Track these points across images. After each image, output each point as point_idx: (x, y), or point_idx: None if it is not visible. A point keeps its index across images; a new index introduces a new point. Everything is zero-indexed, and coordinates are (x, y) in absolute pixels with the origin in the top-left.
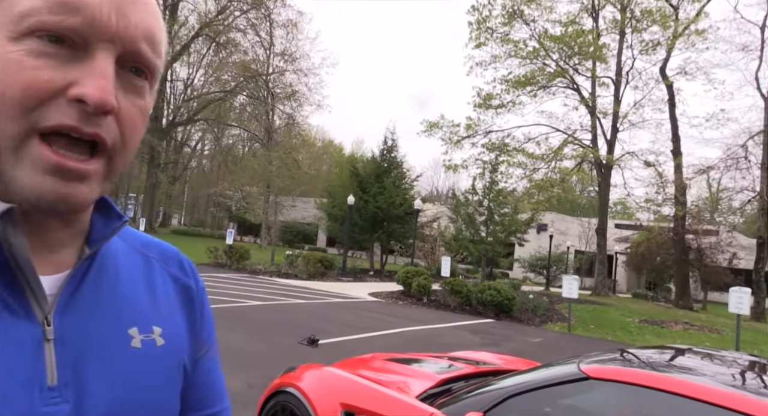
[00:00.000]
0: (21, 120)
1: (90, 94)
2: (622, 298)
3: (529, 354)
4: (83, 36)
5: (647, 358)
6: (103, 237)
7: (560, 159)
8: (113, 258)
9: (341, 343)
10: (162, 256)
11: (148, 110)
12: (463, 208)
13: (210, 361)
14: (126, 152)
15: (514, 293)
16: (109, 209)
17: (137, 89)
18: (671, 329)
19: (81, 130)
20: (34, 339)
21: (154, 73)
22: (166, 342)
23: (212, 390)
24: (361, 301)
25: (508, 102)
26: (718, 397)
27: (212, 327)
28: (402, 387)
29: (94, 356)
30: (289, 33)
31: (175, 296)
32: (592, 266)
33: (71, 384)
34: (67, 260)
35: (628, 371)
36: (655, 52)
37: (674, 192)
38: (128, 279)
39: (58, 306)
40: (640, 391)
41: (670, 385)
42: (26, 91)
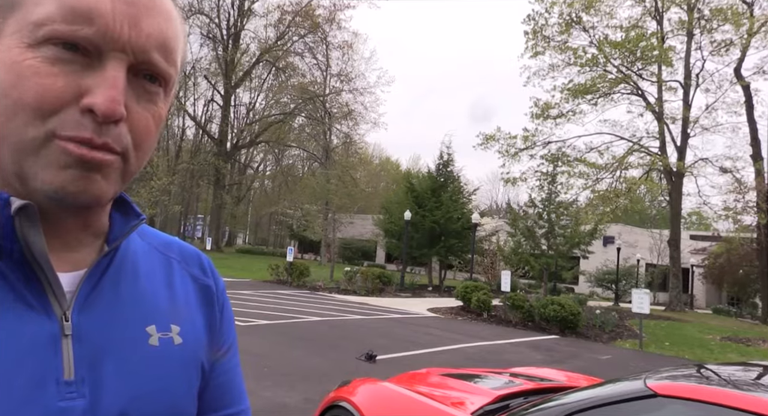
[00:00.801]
0: (39, 125)
1: (99, 104)
2: (700, 314)
3: (596, 372)
4: (96, 45)
5: (727, 375)
6: (121, 235)
7: (625, 168)
8: (133, 257)
9: (399, 359)
10: (182, 256)
11: (162, 116)
12: (521, 221)
13: (229, 362)
14: (140, 155)
15: (579, 309)
16: (127, 207)
17: (150, 96)
18: (758, 347)
19: (93, 141)
20: (52, 335)
21: (168, 81)
22: (184, 340)
23: (231, 391)
24: (419, 317)
25: (568, 111)
26: None
27: (232, 328)
28: (456, 402)
29: (111, 353)
30: (345, 54)
31: (195, 295)
32: (665, 280)
33: (87, 380)
34: (86, 258)
35: (702, 388)
36: (727, 53)
37: (756, 199)
38: (148, 278)
39: (76, 303)
40: (716, 411)
41: (753, 405)
42: (42, 97)
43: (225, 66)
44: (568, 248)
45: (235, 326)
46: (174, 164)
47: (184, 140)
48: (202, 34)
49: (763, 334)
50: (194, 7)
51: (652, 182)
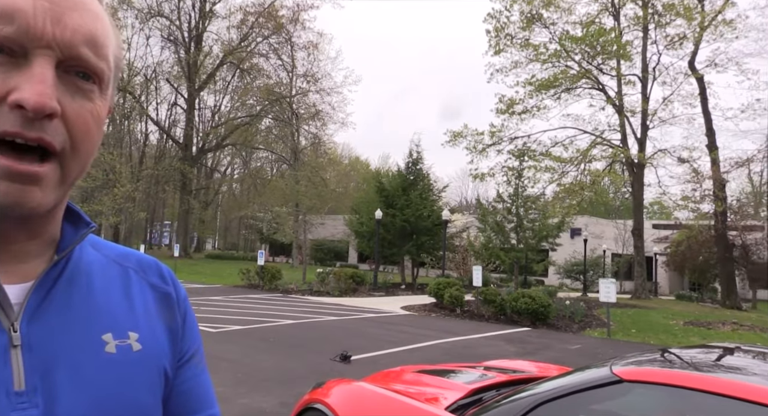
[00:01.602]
0: None
1: (27, 99)
2: (664, 300)
3: (568, 361)
4: (20, 44)
5: (689, 358)
6: (71, 244)
7: (589, 161)
8: (87, 268)
9: (374, 358)
10: (140, 266)
11: (101, 115)
12: (490, 216)
13: (194, 367)
14: (79, 156)
15: (549, 300)
16: (77, 217)
17: (85, 93)
18: (719, 330)
19: (24, 135)
20: (0, 346)
21: (102, 77)
22: (144, 347)
23: (197, 397)
24: (393, 315)
25: (532, 107)
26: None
27: (196, 335)
28: (431, 398)
29: (64, 361)
30: (310, 54)
31: (154, 303)
32: (630, 269)
33: (40, 390)
34: (36, 270)
35: (665, 372)
36: (681, 46)
37: (712, 188)
38: (103, 288)
39: (25, 313)
40: (680, 393)
41: (714, 386)
42: None
43: (188, 69)
44: (537, 242)
45: (200, 332)
46: (138, 170)
47: (148, 146)
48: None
49: (723, 317)
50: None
51: (615, 174)
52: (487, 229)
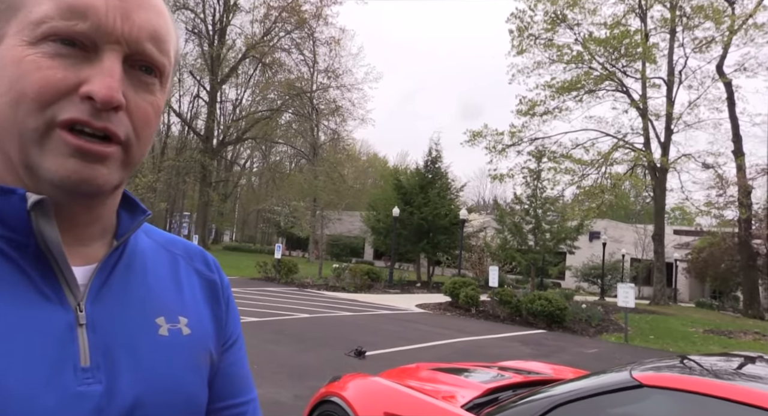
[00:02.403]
0: (40, 115)
1: (97, 92)
2: (683, 307)
3: (583, 365)
4: (92, 39)
5: (709, 365)
6: (128, 230)
7: (611, 164)
8: (141, 253)
9: (388, 355)
10: (186, 252)
11: (160, 106)
12: (508, 217)
13: (236, 353)
14: (140, 144)
15: (565, 303)
16: (133, 205)
17: (147, 86)
18: (740, 339)
19: (92, 124)
20: (68, 324)
21: (163, 71)
22: (192, 331)
23: (239, 381)
24: (408, 313)
25: (554, 108)
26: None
27: (238, 322)
28: (447, 396)
29: (123, 342)
30: (332, 50)
31: (200, 289)
32: (649, 275)
33: (102, 367)
34: (97, 253)
35: (686, 378)
36: (709, 50)
37: (737, 194)
38: (155, 273)
39: (89, 295)
40: (699, 400)
41: (735, 394)
42: (42, 88)
43: (211, 62)
44: (554, 244)
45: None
46: (159, 161)
47: (170, 137)
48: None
49: (744, 326)
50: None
51: (637, 178)
52: (504, 230)
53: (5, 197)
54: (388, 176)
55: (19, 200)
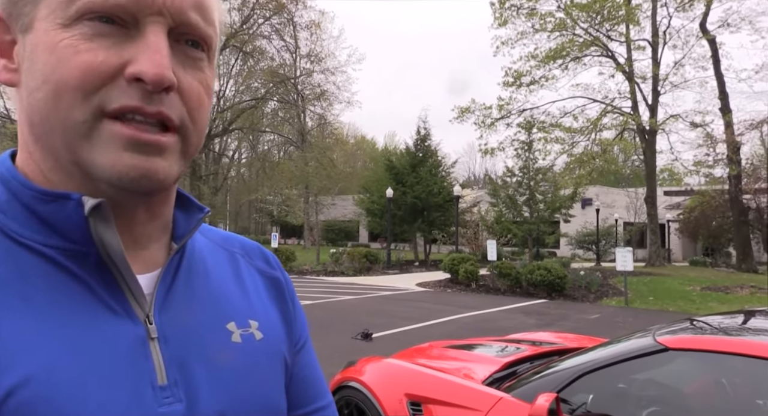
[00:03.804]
0: (85, 104)
1: (146, 72)
2: (678, 267)
3: (587, 331)
4: (131, 12)
5: (727, 324)
6: (187, 231)
7: (600, 130)
8: (200, 254)
9: (395, 335)
10: (244, 250)
11: (211, 85)
12: (502, 190)
13: (307, 354)
14: (197, 129)
15: (564, 272)
16: (188, 202)
17: (195, 62)
18: (737, 294)
19: (144, 110)
20: (139, 339)
21: (210, 44)
22: (265, 335)
23: (314, 385)
24: (409, 292)
25: (540, 78)
26: None
27: (305, 320)
28: (466, 373)
29: (198, 353)
30: (313, 34)
31: (265, 289)
32: (642, 237)
33: (180, 383)
34: (156, 256)
35: (710, 339)
36: (692, 8)
37: (727, 151)
38: (217, 274)
39: (156, 304)
40: (721, 358)
41: (759, 350)
42: (84, 74)
43: None
44: (549, 214)
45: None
46: None
47: None
48: None
49: (739, 281)
50: None
51: (626, 142)
52: (499, 203)
53: (60, 204)
54: (379, 158)
55: (75, 206)
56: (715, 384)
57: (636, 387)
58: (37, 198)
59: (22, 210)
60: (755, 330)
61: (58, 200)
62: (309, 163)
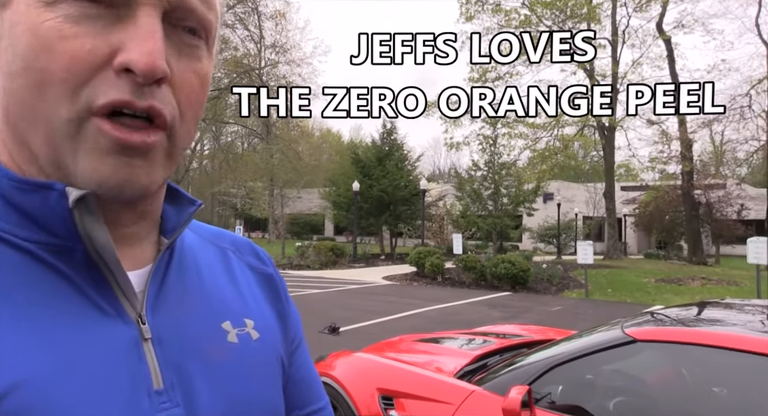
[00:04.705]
0: (74, 100)
1: (136, 61)
2: (634, 260)
3: (551, 322)
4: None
5: (691, 316)
6: (177, 226)
7: (562, 126)
8: (190, 250)
9: (362, 329)
10: (235, 246)
11: (208, 76)
12: (468, 184)
13: (303, 354)
14: (187, 126)
15: (528, 265)
16: (178, 195)
17: (192, 50)
18: (689, 286)
19: (134, 104)
20: (131, 340)
21: (210, 31)
22: (261, 335)
23: (310, 386)
24: (376, 285)
25: (505, 74)
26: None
27: (299, 318)
28: (437, 366)
29: (194, 354)
30: (278, 24)
31: (258, 286)
32: (601, 231)
33: (177, 387)
34: (145, 254)
35: (676, 330)
36: (649, 8)
37: (680, 148)
38: (209, 271)
39: (148, 303)
40: (685, 349)
41: (722, 341)
42: (71, 65)
43: None
44: (513, 208)
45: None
46: None
47: None
48: None
49: (691, 273)
50: None
51: (586, 138)
52: (465, 197)
53: (41, 194)
54: (345, 151)
55: (58, 198)
56: (677, 374)
57: (603, 378)
58: (16, 188)
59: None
60: (713, 321)
61: (40, 190)
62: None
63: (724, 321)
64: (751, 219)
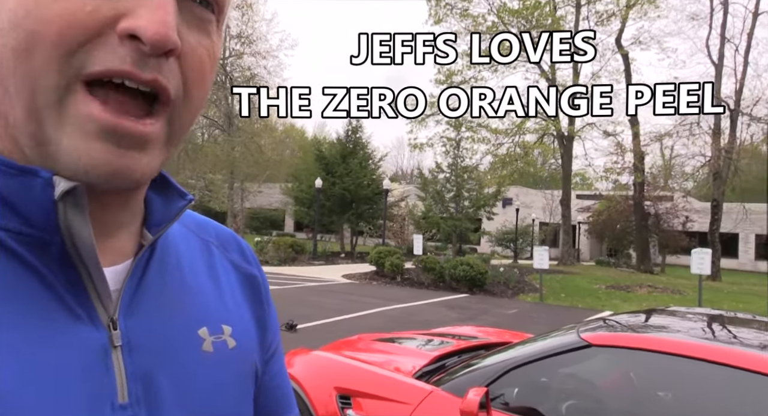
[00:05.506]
0: (61, 66)
1: (146, 28)
2: (586, 266)
3: (506, 325)
4: None
5: (642, 322)
6: (163, 221)
7: (523, 133)
8: (174, 244)
9: (320, 326)
10: (219, 240)
11: (217, 55)
12: (431, 185)
13: (278, 362)
14: (191, 108)
15: (485, 268)
16: (166, 185)
17: (203, 25)
18: (636, 293)
19: (137, 76)
20: (101, 348)
21: (223, 7)
22: (237, 343)
23: (283, 396)
24: (335, 283)
25: (470, 78)
26: (714, 354)
27: (277, 323)
28: (395, 366)
29: (164, 364)
30: (245, 14)
31: (239, 288)
32: (556, 237)
33: (143, 401)
34: (125, 246)
35: (629, 336)
36: (609, 23)
37: (633, 160)
38: (191, 269)
39: (122, 304)
40: (637, 354)
41: (673, 347)
42: (65, 26)
43: None
44: (474, 211)
45: None
46: None
47: None
48: None
49: (638, 281)
50: None
51: (545, 146)
52: (427, 198)
53: (24, 179)
54: (308, 147)
55: (43, 186)
56: (626, 378)
57: (558, 381)
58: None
59: None
60: (660, 327)
61: (23, 174)
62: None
63: (670, 327)
64: (695, 231)
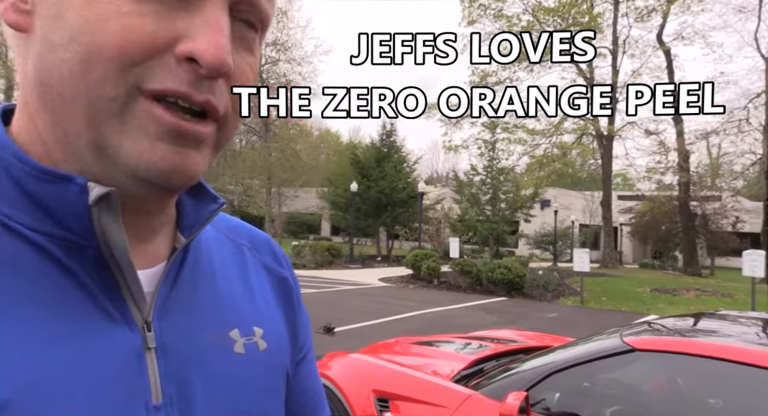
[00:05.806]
0: (120, 80)
1: (204, 52)
2: (629, 269)
3: (546, 329)
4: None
5: (688, 326)
6: (196, 223)
7: (561, 134)
8: (206, 247)
9: (358, 330)
10: (252, 243)
11: (257, 68)
12: (467, 188)
13: (309, 365)
14: (237, 119)
15: (524, 271)
16: (200, 188)
17: (248, 44)
18: (683, 296)
19: (192, 98)
20: (135, 349)
21: (267, 25)
22: (269, 345)
23: (314, 397)
24: (371, 287)
25: (505, 79)
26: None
27: (308, 325)
28: (433, 369)
29: (197, 366)
30: (280, 22)
31: (271, 290)
32: (597, 239)
33: (176, 402)
34: (158, 250)
35: (674, 340)
36: (650, 19)
37: (678, 159)
38: (223, 272)
39: (156, 307)
40: (684, 359)
41: (719, 352)
42: (127, 44)
43: None
44: (511, 213)
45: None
46: None
47: None
48: None
49: (686, 284)
50: None
51: (584, 146)
52: (463, 201)
53: (60, 186)
54: (343, 151)
55: (78, 192)
56: (674, 384)
57: (601, 386)
58: (32, 175)
59: (10, 186)
60: (709, 332)
61: (59, 181)
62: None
63: (719, 332)
64: (746, 232)
